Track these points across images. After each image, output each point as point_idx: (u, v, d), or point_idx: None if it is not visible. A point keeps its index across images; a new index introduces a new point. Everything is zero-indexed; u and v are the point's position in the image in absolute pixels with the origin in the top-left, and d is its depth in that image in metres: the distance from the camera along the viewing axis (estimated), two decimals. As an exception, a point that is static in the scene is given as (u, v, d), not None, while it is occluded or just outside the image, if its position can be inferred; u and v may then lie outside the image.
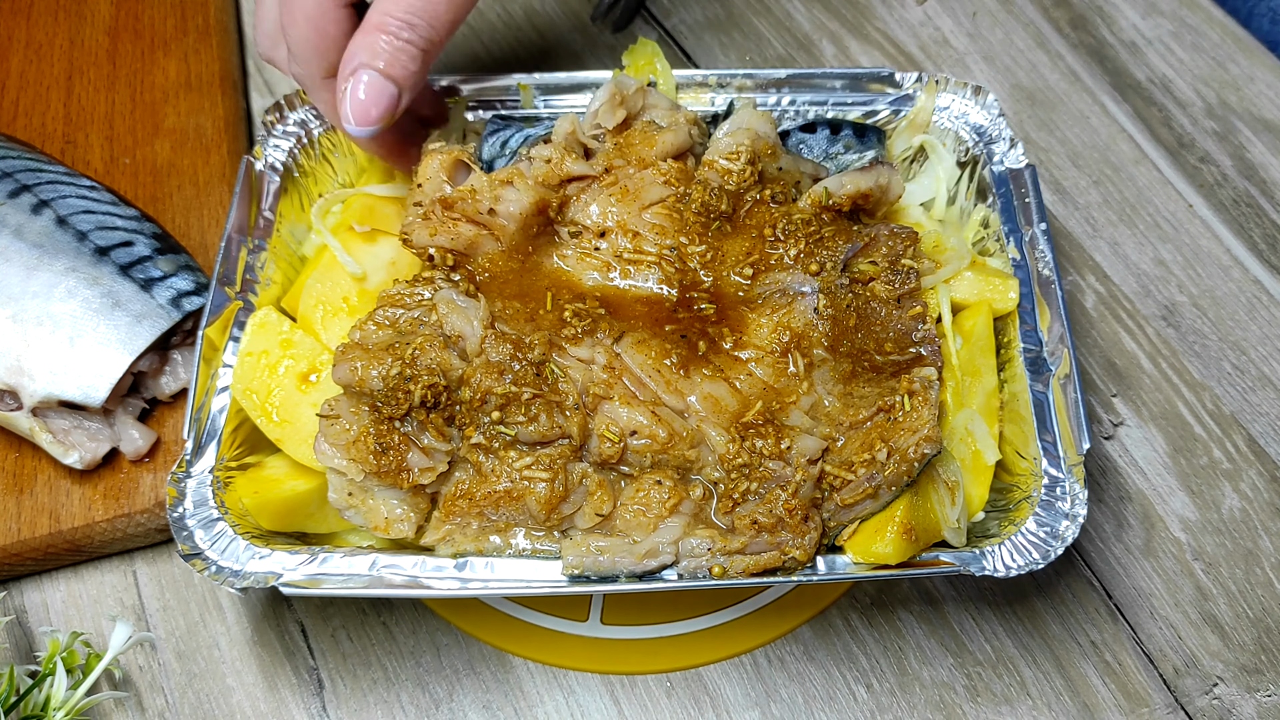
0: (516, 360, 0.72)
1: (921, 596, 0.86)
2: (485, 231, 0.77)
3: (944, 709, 0.81)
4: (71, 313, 0.87)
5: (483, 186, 0.78)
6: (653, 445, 0.71)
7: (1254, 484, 0.90)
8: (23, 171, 0.96)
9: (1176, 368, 0.96)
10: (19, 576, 0.88)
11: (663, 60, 0.94)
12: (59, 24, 1.13)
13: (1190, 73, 1.12)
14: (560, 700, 0.82)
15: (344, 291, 0.82)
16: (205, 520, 0.74)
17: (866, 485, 0.72)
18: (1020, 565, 0.72)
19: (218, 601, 0.86)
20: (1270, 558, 0.86)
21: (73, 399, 0.85)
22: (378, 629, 0.85)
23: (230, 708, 0.82)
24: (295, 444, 0.77)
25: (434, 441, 0.72)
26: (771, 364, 0.75)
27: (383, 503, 0.73)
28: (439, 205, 0.77)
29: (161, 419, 0.91)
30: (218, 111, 1.07)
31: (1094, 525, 0.88)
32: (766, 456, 0.72)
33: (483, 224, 0.77)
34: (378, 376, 0.71)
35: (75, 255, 0.90)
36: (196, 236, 0.99)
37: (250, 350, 0.80)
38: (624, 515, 0.72)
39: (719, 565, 0.71)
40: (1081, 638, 0.84)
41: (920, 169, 0.94)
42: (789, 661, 0.83)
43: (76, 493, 0.86)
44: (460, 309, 0.74)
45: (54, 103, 1.07)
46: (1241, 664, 0.82)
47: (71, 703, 0.76)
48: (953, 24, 1.17)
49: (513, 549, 0.73)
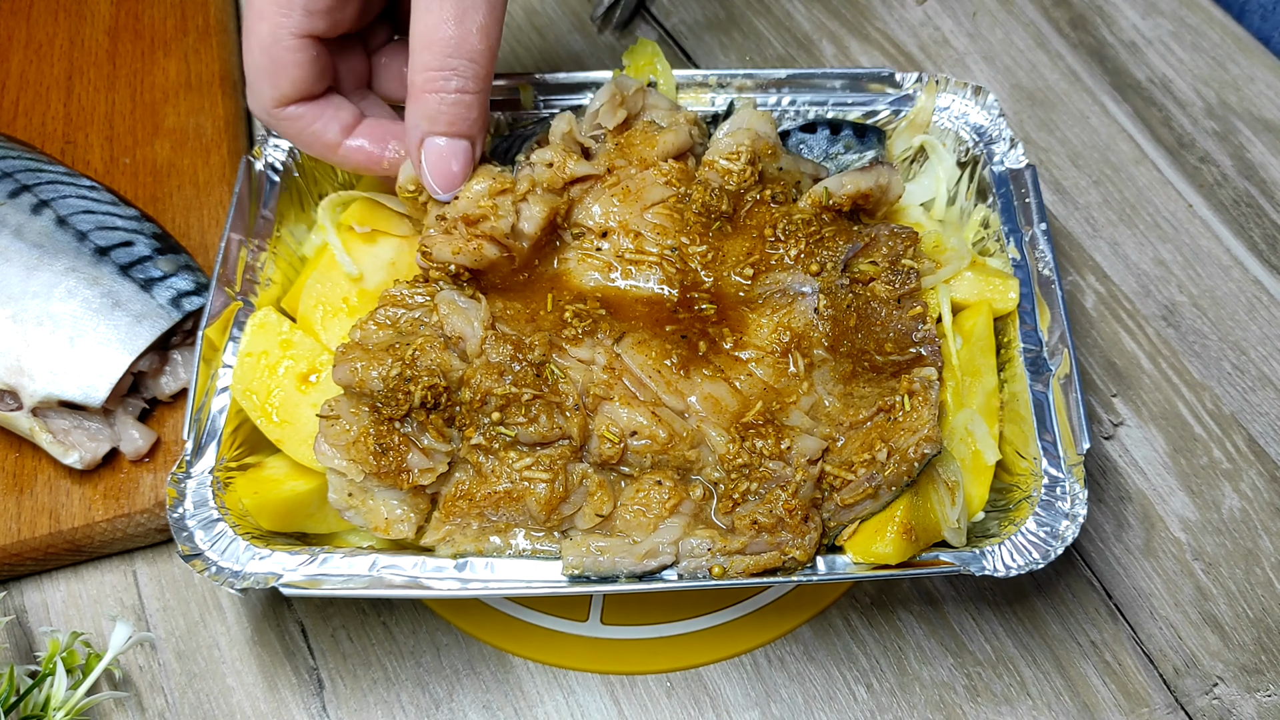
0: (517, 361, 0.72)
1: (921, 596, 0.86)
2: (506, 253, 0.77)
3: (944, 709, 0.81)
4: (71, 313, 0.87)
5: (505, 203, 0.77)
6: (653, 446, 0.71)
7: (1254, 484, 0.90)
8: (23, 171, 0.96)
9: (1176, 368, 0.96)
10: (19, 576, 0.88)
11: (663, 60, 0.94)
12: (59, 24, 1.13)
13: (1190, 73, 1.12)
14: (560, 700, 0.82)
15: (344, 292, 0.82)
16: (205, 521, 0.74)
17: (866, 485, 0.72)
18: (1020, 565, 0.72)
19: (218, 601, 0.86)
20: (1270, 558, 0.86)
21: (73, 399, 0.85)
22: (378, 629, 0.85)
23: (230, 708, 0.82)
24: (295, 444, 0.77)
25: (434, 442, 0.72)
26: (772, 364, 0.75)
27: (383, 503, 0.73)
28: (463, 222, 0.77)
29: (161, 419, 0.91)
30: (218, 111, 1.07)
31: (1094, 525, 0.88)
32: (767, 457, 0.72)
33: (506, 246, 0.77)
34: (378, 377, 0.71)
35: (75, 255, 0.90)
36: (196, 236, 0.99)
37: (250, 351, 0.80)
38: (624, 515, 0.72)
39: (719, 565, 0.71)
40: (1081, 638, 0.84)
41: (920, 169, 0.94)
42: (789, 661, 0.83)
43: (76, 493, 0.86)
44: (461, 310, 0.74)
45: (54, 103, 1.07)
46: (1241, 664, 0.82)
47: (71, 703, 0.76)
48: (953, 24, 1.17)
49: (513, 549, 0.73)
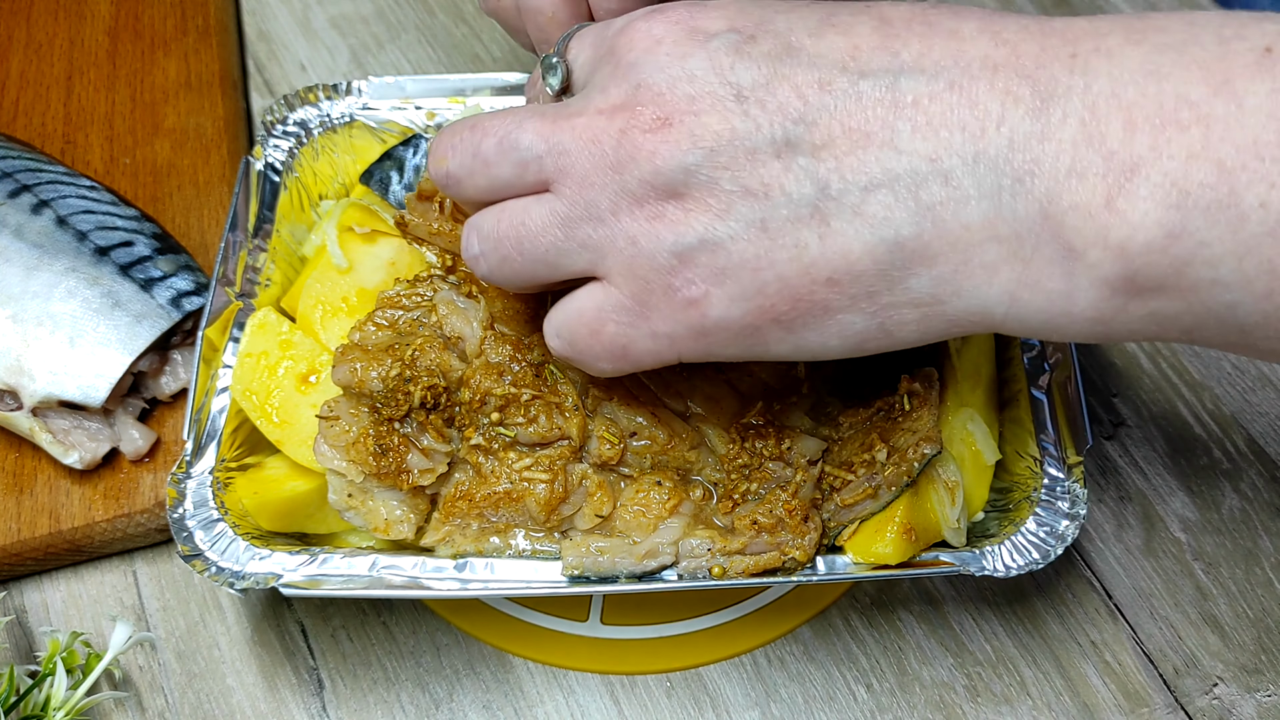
0: (516, 361, 0.72)
1: (921, 596, 0.86)
2: None
3: (944, 709, 0.81)
4: (71, 313, 0.87)
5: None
6: (653, 447, 0.71)
7: (1254, 484, 0.90)
8: (23, 171, 0.96)
9: (1176, 368, 0.96)
10: (19, 576, 0.88)
11: (663, 60, 0.94)
12: (59, 24, 1.13)
13: (1191, 72, 1.12)
14: (560, 700, 0.82)
15: (344, 292, 0.82)
16: (205, 521, 0.74)
17: (866, 485, 0.72)
18: (1020, 565, 0.72)
19: (218, 601, 0.86)
20: (1270, 558, 0.86)
21: (73, 399, 0.85)
22: (378, 629, 0.85)
23: (230, 708, 0.82)
24: (295, 445, 0.77)
25: (433, 443, 0.72)
26: (772, 364, 0.75)
27: (382, 504, 0.73)
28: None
29: (161, 419, 0.91)
30: (218, 111, 1.06)
31: (1094, 525, 0.88)
32: (767, 457, 0.72)
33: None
34: (377, 378, 0.71)
35: (75, 255, 0.90)
36: (196, 236, 0.99)
37: (250, 351, 0.80)
38: (624, 516, 0.72)
39: (719, 565, 0.71)
40: (1081, 638, 0.84)
41: (920, 169, 0.93)
42: (789, 661, 0.83)
43: (76, 493, 0.86)
44: (460, 310, 0.74)
45: (54, 103, 1.07)
46: (1241, 664, 0.82)
47: (71, 703, 0.76)
48: (953, 23, 1.17)
49: (512, 550, 0.73)
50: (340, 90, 0.94)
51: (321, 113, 0.93)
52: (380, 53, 1.17)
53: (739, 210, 0.55)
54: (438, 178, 0.64)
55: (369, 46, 1.17)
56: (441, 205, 0.78)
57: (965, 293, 0.54)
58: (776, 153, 0.55)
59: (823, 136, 0.54)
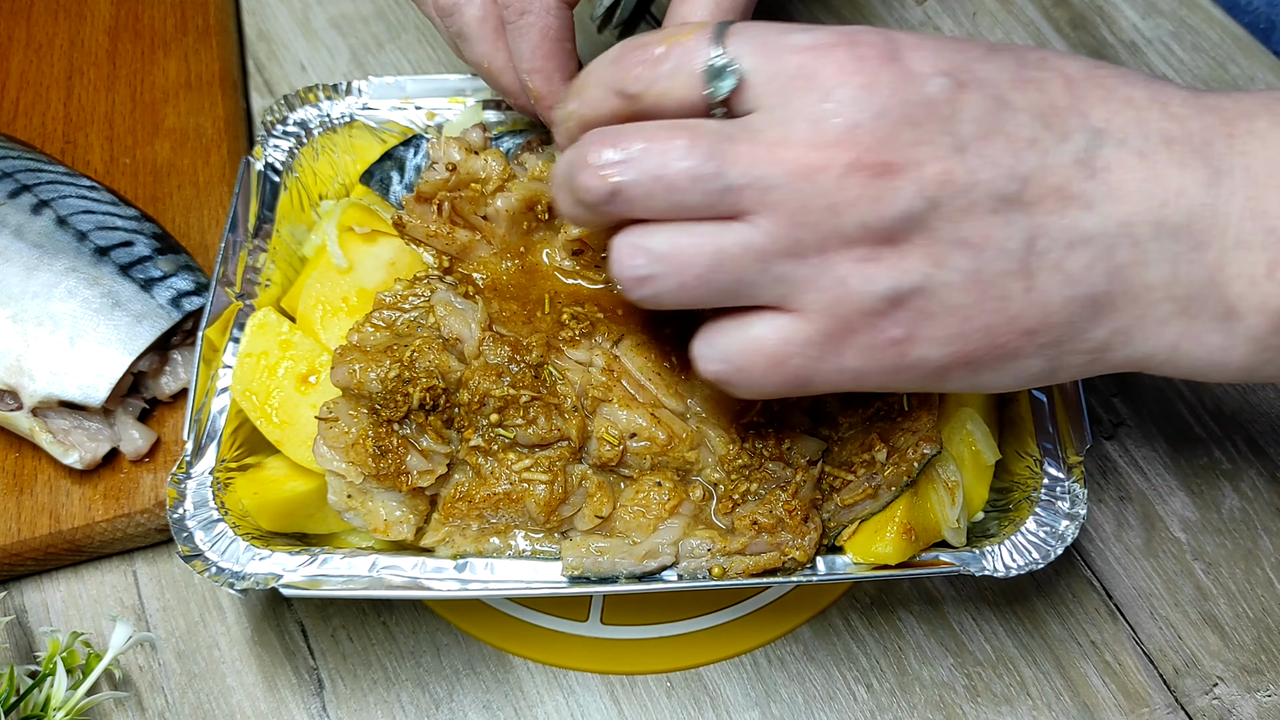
0: (514, 363, 0.72)
1: (921, 596, 0.86)
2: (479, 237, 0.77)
3: (944, 709, 0.81)
4: (71, 313, 0.87)
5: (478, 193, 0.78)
6: (652, 447, 0.71)
7: (1254, 484, 0.90)
8: (23, 171, 0.96)
9: (1177, 367, 0.96)
10: (19, 576, 0.88)
11: (663, 60, 0.94)
12: (59, 24, 1.13)
13: (1190, 73, 1.12)
14: (560, 700, 0.82)
15: (344, 291, 0.82)
16: (205, 521, 0.74)
17: (866, 485, 0.72)
18: (1020, 565, 0.72)
19: (218, 601, 0.86)
20: (1270, 558, 0.86)
21: (73, 399, 0.85)
22: (378, 629, 0.85)
23: (230, 708, 0.82)
24: (295, 445, 0.77)
25: (433, 444, 0.72)
26: (771, 364, 0.75)
27: (382, 505, 0.73)
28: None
29: (161, 419, 0.91)
30: (218, 111, 1.06)
31: (1094, 525, 0.88)
32: (766, 457, 0.72)
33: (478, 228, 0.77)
34: (376, 379, 0.71)
35: (75, 255, 0.90)
36: (196, 236, 0.99)
37: (250, 351, 0.80)
38: (623, 516, 0.72)
39: (719, 566, 0.71)
40: (1081, 638, 0.84)
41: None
42: (789, 661, 0.83)
43: (76, 493, 0.86)
44: (458, 311, 0.74)
45: (54, 103, 1.07)
46: (1241, 664, 0.82)
47: (71, 703, 0.76)
48: (953, 24, 1.17)
49: (512, 550, 0.73)
50: (340, 90, 0.94)
51: (321, 113, 0.93)
52: (380, 53, 1.17)
53: (955, 260, 0.56)
54: (595, 193, 0.57)
55: (369, 46, 1.17)
56: (440, 207, 0.78)
57: (1136, 343, 0.59)
58: (994, 208, 0.56)
59: (1034, 194, 0.56)
